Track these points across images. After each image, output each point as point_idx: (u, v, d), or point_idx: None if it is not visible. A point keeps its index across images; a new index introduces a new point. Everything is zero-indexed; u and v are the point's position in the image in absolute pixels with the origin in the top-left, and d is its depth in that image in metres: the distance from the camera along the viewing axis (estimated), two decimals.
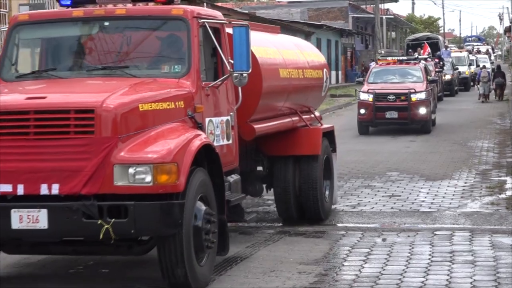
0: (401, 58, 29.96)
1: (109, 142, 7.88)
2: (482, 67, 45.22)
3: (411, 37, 58.83)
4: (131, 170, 7.81)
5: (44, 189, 7.85)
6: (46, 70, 9.39)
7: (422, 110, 25.91)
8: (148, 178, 7.79)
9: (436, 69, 37.39)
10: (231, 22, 9.97)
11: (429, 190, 15.34)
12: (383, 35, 69.61)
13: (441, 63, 41.55)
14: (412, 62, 28.71)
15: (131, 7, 9.62)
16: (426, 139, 24.52)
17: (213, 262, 8.85)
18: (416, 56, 33.08)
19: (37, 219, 7.82)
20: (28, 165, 7.88)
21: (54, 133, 7.92)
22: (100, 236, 7.76)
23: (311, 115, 12.98)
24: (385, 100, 26.05)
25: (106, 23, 9.45)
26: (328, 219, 12.61)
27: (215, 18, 9.81)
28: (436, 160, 19.63)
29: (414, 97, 25.94)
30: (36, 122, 7.95)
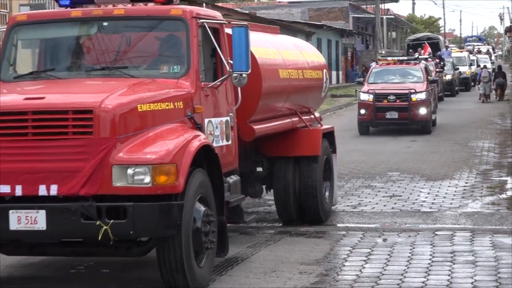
0: (401, 58, 29.89)
1: (108, 143, 7.84)
2: (483, 67, 45.18)
3: (412, 37, 58.76)
4: (130, 171, 7.77)
5: (43, 190, 7.81)
6: (45, 71, 9.34)
7: (423, 111, 25.84)
8: (147, 179, 7.75)
9: (437, 69, 37.37)
10: (231, 22, 9.92)
11: (430, 190, 15.32)
12: (384, 35, 69.58)
13: (442, 63, 41.51)
14: (413, 62, 28.61)
15: (130, 7, 9.58)
16: (427, 139, 24.48)
17: (213, 263, 8.82)
18: (417, 56, 33.02)
19: (36, 220, 7.78)
20: (27, 166, 7.85)
21: (53, 134, 7.88)
22: (99, 237, 7.72)
23: (311, 116, 12.93)
24: (386, 101, 25.97)
25: (105, 24, 9.42)
26: (329, 219, 12.59)
27: (214, 18, 9.76)
28: (437, 160, 19.60)
29: (415, 98, 25.88)
30: (35, 123, 7.90)
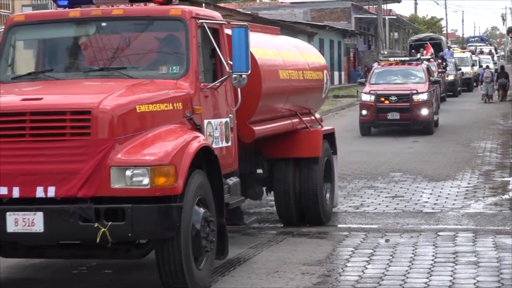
0: (403, 59, 29.79)
1: (106, 144, 7.77)
2: (486, 67, 45.11)
3: (414, 38, 58.74)
4: (128, 173, 7.70)
5: (40, 192, 7.74)
6: (43, 71, 9.28)
7: (424, 111, 25.74)
8: (146, 181, 7.68)
9: (439, 70, 37.35)
10: (230, 23, 9.85)
11: (432, 191, 15.29)
12: (386, 36, 69.51)
13: (444, 64, 41.50)
14: (414, 63, 28.50)
15: (129, 8, 9.53)
16: (429, 140, 24.44)
17: (212, 266, 8.75)
18: (419, 57, 32.93)
19: (33, 222, 7.71)
20: (24, 167, 7.78)
21: (50, 135, 7.80)
22: (97, 240, 7.65)
23: (311, 117, 12.85)
24: (387, 101, 25.89)
25: (103, 24, 9.35)
26: (331, 220, 12.55)
27: (214, 19, 9.69)
28: (439, 161, 19.55)
29: (416, 98, 25.79)
30: (32, 124, 7.83)
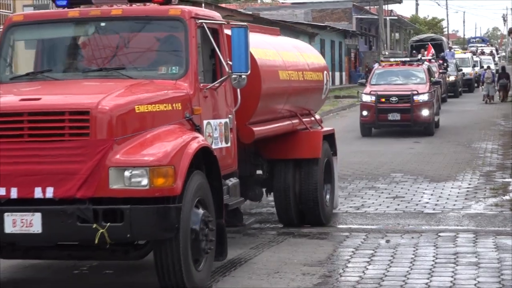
0: (404, 60, 29.74)
1: (105, 145, 7.73)
2: (487, 68, 45.06)
3: (415, 38, 58.72)
4: (127, 173, 7.66)
5: (38, 193, 7.70)
6: (42, 72, 9.24)
7: (425, 112, 25.68)
8: (144, 181, 7.64)
9: (440, 71, 37.34)
10: (230, 23, 9.81)
11: (433, 192, 15.26)
12: (387, 36, 69.52)
13: (445, 64, 41.49)
14: (415, 64, 28.45)
15: (128, 8, 9.49)
16: (430, 141, 24.40)
17: (211, 267, 8.70)
18: (419, 58, 32.88)
19: (31, 223, 7.67)
20: (22, 168, 7.74)
21: (49, 135, 7.76)
22: (95, 241, 7.62)
23: (311, 118, 12.80)
24: (388, 102, 25.80)
25: (102, 24, 9.31)
26: (332, 221, 12.52)
27: (213, 19, 9.65)
28: (440, 162, 19.52)
29: (417, 99, 25.74)
30: (30, 124, 7.79)
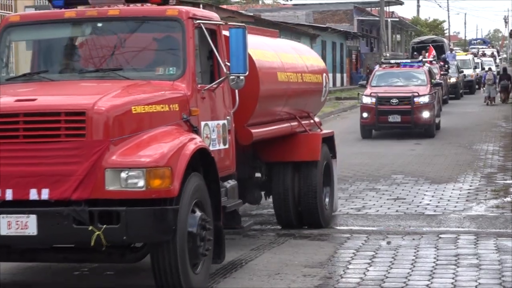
0: (404, 61, 29.64)
1: (101, 146, 7.66)
2: (488, 70, 45.04)
3: (416, 40, 58.78)
4: (123, 175, 7.58)
5: (34, 194, 7.62)
6: (38, 73, 9.18)
7: (426, 114, 25.62)
8: (141, 183, 7.56)
9: (441, 72, 37.31)
10: (228, 24, 9.75)
11: (434, 193, 15.24)
12: (388, 38, 69.43)
13: (446, 66, 41.50)
14: (416, 65, 28.36)
15: (125, 8, 9.41)
16: (431, 142, 24.38)
17: (209, 270, 8.62)
18: (421, 59, 32.80)
19: (26, 225, 7.59)
20: (17, 169, 7.66)
21: (44, 136, 7.68)
22: (91, 243, 7.53)
23: (311, 121, 12.72)
24: (388, 104, 25.74)
25: (99, 24, 9.24)
26: (333, 223, 12.48)
27: (211, 20, 9.59)
28: (441, 163, 19.50)
29: (417, 101, 25.66)
30: (26, 125, 7.72)
